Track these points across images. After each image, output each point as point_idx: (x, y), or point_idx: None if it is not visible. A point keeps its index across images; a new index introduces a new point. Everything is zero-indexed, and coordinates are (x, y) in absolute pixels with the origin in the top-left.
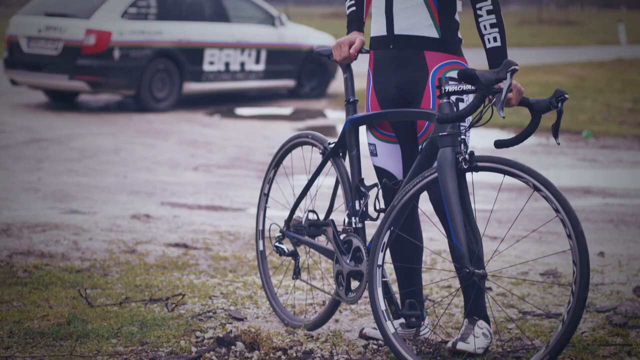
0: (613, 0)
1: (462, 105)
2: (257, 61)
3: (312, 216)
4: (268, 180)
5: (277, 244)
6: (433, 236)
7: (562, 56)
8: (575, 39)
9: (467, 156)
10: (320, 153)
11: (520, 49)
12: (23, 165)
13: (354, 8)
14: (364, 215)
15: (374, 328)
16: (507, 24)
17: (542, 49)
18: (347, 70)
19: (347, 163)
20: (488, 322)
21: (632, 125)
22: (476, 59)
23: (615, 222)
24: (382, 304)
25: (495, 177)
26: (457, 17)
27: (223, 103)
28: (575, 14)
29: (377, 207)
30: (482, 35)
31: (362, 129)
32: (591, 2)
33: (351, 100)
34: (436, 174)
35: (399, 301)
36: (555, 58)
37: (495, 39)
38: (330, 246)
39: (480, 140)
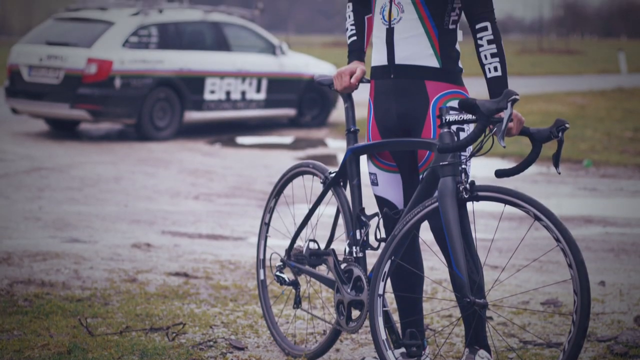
0: (613, 29)
1: (462, 135)
2: (258, 90)
3: (312, 245)
4: (269, 210)
5: (277, 273)
6: (434, 265)
7: (562, 85)
8: (576, 68)
9: (467, 186)
10: (321, 182)
11: (520, 77)
12: (24, 193)
13: (355, 38)
14: (364, 245)
15: (375, 357)
16: (507, 52)
17: (542, 78)
18: (348, 99)
19: (348, 192)
20: (489, 351)
21: (632, 154)
22: (477, 88)
23: (616, 251)
24: (383, 333)
25: (496, 206)
26: (457, 46)
27: (224, 132)
28: (576, 42)
29: (378, 237)
30: (482, 65)
31: (363, 158)
32: (592, 31)
33: (352, 129)
34: (437, 204)
35: (399, 330)
36: (556, 87)
37: (495, 69)
38: (331, 275)
39: (481, 169)
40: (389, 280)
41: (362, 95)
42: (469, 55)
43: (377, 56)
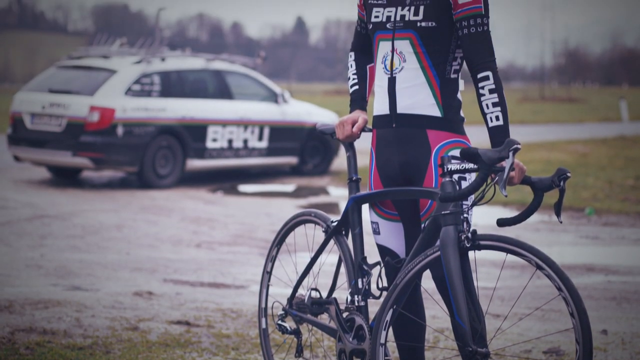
0: (615, 77)
1: (464, 184)
2: (260, 138)
3: (314, 294)
4: (271, 259)
5: (279, 322)
6: (436, 314)
7: (564, 133)
8: (578, 116)
9: (469, 235)
10: (323, 231)
11: (522, 125)
12: (26, 241)
13: (356, 87)
14: (366, 294)
15: None
16: (509, 101)
17: (544, 126)
18: (350, 148)
19: (350, 241)
20: None
21: (634, 202)
22: (478, 136)
23: (618, 299)
24: None
25: (498, 255)
26: (459, 95)
27: (226, 180)
28: (578, 91)
29: (380, 286)
30: (484, 114)
31: (365, 207)
32: (593, 79)
33: (354, 178)
34: (439, 253)
35: None
36: (558, 135)
37: (497, 118)
38: (333, 324)
39: (483, 217)
40: (391, 329)
41: (364, 144)
42: (471, 104)
43: (379, 105)
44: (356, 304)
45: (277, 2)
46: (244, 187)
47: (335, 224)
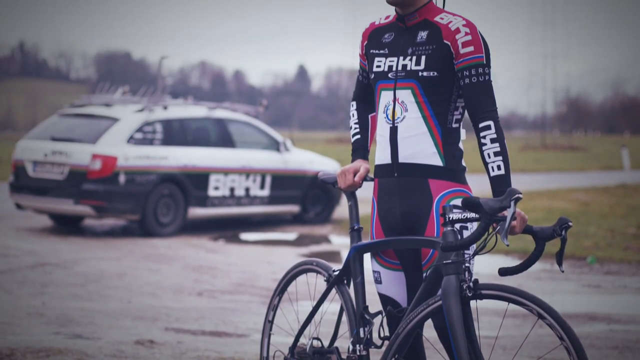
0: (617, 126)
1: (466, 233)
2: (262, 186)
3: (316, 343)
4: (272, 307)
5: None
6: None
7: (565, 181)
8: (579, 164)
9: (471, 284)
10: (325, 280)
11: (524, 174)
12: (27, 289)
13: (358, 136)
14: (368, 343)
15: None
16: (511, 149)
17: (545, 174)
18: (352, 197)
19: (351, 290)
20: None
21: (636, 251)
22: (480, 185)
23: (620, 348)
24: None
25: (500, 304)
26: (461, 145)
27: (228, 228)
28: (579, 139)
29: (382, 335)
30: (485, 163)
31: (367, 256)
32: (594, 127)
33: (356, 227)
34: (440, 302)
35: None
36: (559, 183)
37: (499, 167)
38: None
39: (485, 266)
40: None
41: (366, 193)
42: (473, 152)
43: (381, 154)
44: (358, 353)
45: (279, 50)
46: (245, 236)
47: (336, 273)
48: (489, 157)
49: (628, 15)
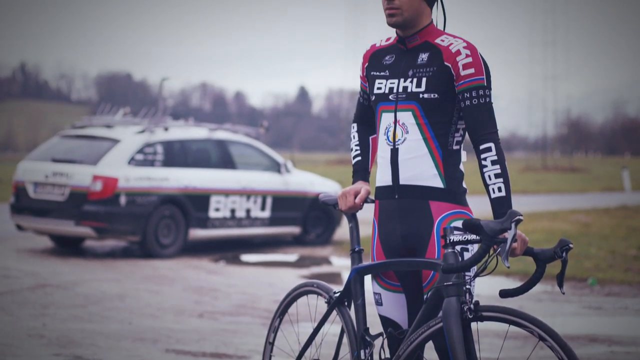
0: (617, 147)
1: (467, 255)
2: (263, 208)
3: None
4: (273, 329)
5: None
6: None
7: (566, 203)
8: (580, 186)
9: (472, 306)
10: (326, 302)
11: (525, 195)
12: (28, 310)
13: (359, 158)
14: None
15: None
16: (511, 170)
17: (546, 196)
18: (353, 219)
19: (352, 312)
20: None
21: (637, 272)
22: (481, 206)
23: None
24: None
25: (501, 326)
26: (461, 166)
27: (228, 249)
28: (580, 160)
29: (383, 357)
30: (486, 185)
31: (367, 278)
32: (595, 148)
33: (356, 249)
34: (441, 324)
35: None
36: (560, 205)
37: (499, 189)
38: None
39: (486, 288)
40: None
41: (367, 214)
42: (473, 173)
43: (382, 176)
44: None
45: (280, 71)
46: (246, 257)
47: (337, 294)
48: (490, 178)
49: (628, 36)
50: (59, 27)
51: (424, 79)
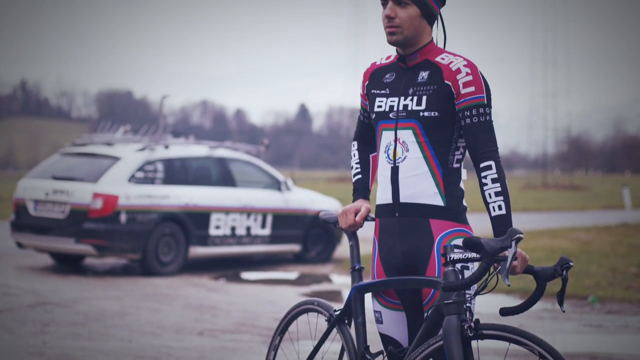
0: (617, 165)
1: (467, 273)
2: (263, 226)
3: None
4: (273, 347)
5: None
6: None
7: (567, 221)
8: (580, 204)
9: (472, 324)
10: (326, 320)
11: (525, 213)
12: (28, 328)
13: (359, 176)
14: None
15: None
16: (512, 188)
17: (547, 214)
18: (353, 237)
19: (352, 330)
20: None
21: (637, 290)
22: (481, 224)
23: None
24: None
25: (501, 344)
26: (462, 185)
27: (229, 267)
28: (580, 178)
29: None
30: (487, 203)
31: (368, 296)
32: (596, 166)
33: (357, 267)
34: (442, 342)
35: None
36: (560, 222)
37: (500, 207)
38: None
39: (486, 306)
40: None
41: (367, 232)
42: (474, 191)
43: (382, 194)
44: None
45: (280, 89)
46: (246, 275)
47: (338, 312)
48: (490, 197)
49: (629, 55)
50: (60, 45)
51: (424, 97)
